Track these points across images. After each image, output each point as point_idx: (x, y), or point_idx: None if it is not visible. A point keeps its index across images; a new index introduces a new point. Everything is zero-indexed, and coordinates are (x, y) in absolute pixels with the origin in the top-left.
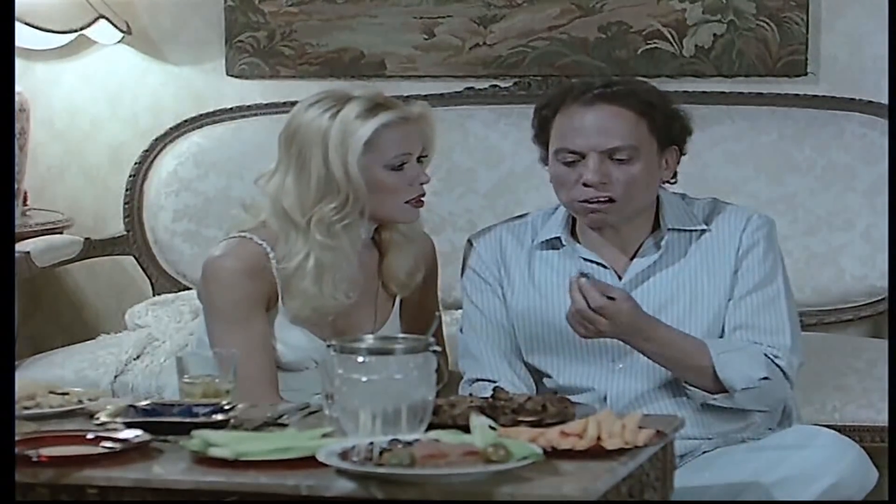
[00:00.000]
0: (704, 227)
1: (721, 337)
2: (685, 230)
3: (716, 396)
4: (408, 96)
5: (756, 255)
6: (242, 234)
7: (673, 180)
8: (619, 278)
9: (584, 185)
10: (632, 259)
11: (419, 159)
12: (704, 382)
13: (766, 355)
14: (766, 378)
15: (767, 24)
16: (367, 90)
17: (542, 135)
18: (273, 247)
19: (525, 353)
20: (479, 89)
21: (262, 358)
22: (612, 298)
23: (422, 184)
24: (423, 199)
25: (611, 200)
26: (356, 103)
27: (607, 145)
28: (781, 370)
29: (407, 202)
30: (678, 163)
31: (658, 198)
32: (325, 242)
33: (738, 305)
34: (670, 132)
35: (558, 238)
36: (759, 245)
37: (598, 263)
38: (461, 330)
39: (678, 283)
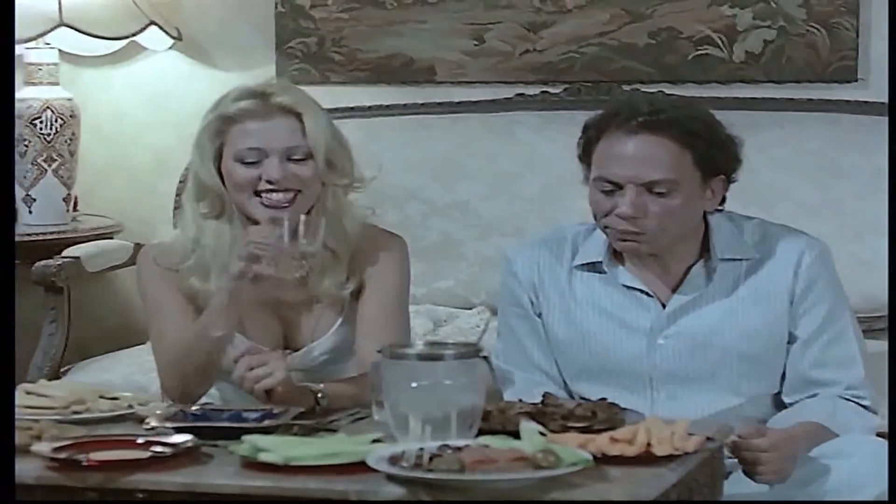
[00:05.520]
0: (756, 256)
1: (783, 378)
2: (736, 259)
3: None
4: (458, 102)
5: (818, 292)
6: None
7: (720, 207)
8: (663, 307)
9: (619, 216)
10: (677, 287)
11: (300, 159)
12: None
13: (852, 402)
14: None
15: (818, 29)
16: (262, 82)
17: (585, 156)
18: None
19: (569, 380)
20: (530, 95)
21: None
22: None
23: (268, 181)
24: (272, 197)
25: (644, 232)
26: (229, 95)
27: (646, 178)
28: (866, 407)
29: (259, 199)
30: (726, 190)
31: (706, 223)
32: (204, 240)
33: (809, 345)
34: (715, 162)
35: (599, 262)
36: (819, 281)
37: (641, 291)
38: (496, 356)
39: (726, 314)
